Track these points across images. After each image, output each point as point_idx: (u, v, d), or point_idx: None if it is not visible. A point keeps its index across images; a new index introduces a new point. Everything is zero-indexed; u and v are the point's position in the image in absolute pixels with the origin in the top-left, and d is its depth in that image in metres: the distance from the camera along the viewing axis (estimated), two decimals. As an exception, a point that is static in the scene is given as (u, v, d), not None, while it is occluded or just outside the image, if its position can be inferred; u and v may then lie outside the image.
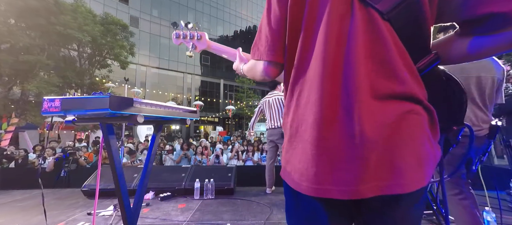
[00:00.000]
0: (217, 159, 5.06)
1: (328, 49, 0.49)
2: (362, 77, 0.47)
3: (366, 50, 0.48)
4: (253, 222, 2.40)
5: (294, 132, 0.54)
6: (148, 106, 1.31)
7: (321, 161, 0.48)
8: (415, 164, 0.46)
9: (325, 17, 0.50)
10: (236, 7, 29.55)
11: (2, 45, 8.57)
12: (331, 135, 0.47)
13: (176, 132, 19.48)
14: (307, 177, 0.49)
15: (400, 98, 0.48)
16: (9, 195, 3.60)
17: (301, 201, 0.55)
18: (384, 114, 0.47)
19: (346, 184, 0.46)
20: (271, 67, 0.62)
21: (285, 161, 0.57)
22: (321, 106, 0.48)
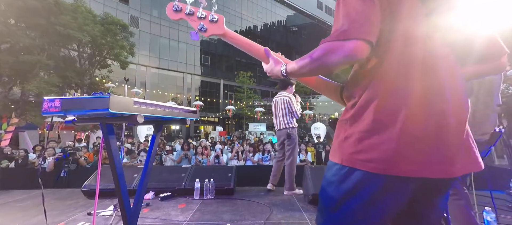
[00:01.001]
0: (217, 159, 5.06)
1: (417, 60, 0.59)
2: (441, 78, 0.59)
3: (442, 59, 0.61)
4: (253, 222, 2.40)
5: (379, 123, 0.59)
6: (148, 106, 1.31)
7: (414, 147, 0.57)
8: (475, 150, 0.64)
9: (414, 33, 0.61)
10: (236, 7, 29.55)
11: (2, 45, 8.57)
12: (422, 127, 0.57)
13: (176, 132, 19.47)
14: (401, 161, 0.57)
15: (463, 98, 0.62)
16: (9, 195, 3.60)
17: (377, 184, 0.60)
18: (463, 113, 0.61)
19: (441, 165, 0.57)
20: (364, 45, 0.58)
21: (360, 149, 0.61)
22: (410, 101, 0.57)
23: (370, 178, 0.60)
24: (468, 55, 0.67)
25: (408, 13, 0.60)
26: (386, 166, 0.57)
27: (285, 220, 2.43)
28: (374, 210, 0.61)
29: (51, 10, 9.14)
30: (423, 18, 0.61)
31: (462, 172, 0.59)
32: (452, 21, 0.61)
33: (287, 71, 0.78)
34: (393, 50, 0.61)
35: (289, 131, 3.32)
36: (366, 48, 0.59)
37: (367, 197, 0.61)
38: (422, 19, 0.61)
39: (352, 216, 0.63)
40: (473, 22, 0.63)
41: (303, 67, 0.70)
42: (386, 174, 0.58)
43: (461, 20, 0.63)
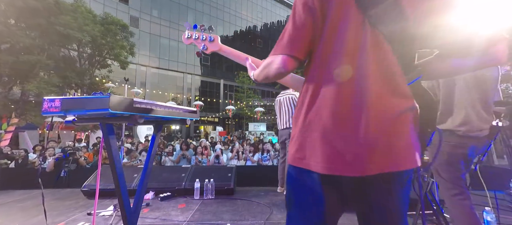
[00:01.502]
0: (217, 159, 5.06)
1: (344, 57, 0.62)
2: (369, 82, 0.60)
3: (375, 60, 0.62)
4: (253, 222, 2.40)
5: (309, 122, 0.65)
6: (148, 106, 1.31)
7: (336, 146, 0.60)
8: (405, 150, 0.62)
9: (342, 34, 0.62)
10: (236, 7, 29.55)
11: (2, 45, 8.56)
12: (343, 125, 0.60)
13: (176, 132, 19.47)
14: (323, 159, 0.61)
15: (397, 101, 0.62)
16: (9, 195, 3.60)
17: (311, 181, 0.65)
18: (386, 111, 0.60)
19: (356, 164, 0.59)
20: (290, 60, 0.70)
21: (296, 147, 0.67)
22: (336, 102, 0.61)
23: (307, 174, 0.65)
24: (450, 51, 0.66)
25: (338, 21, 0.63)
26: (312, 162, 0.63)
27: (285, 220, 2.43)
28: (315, 202, 0.66)
29: (51, 10, 9.13)
30: (358, 27, 0.62)
31: (379, 170, 0.59)
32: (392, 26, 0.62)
33: (253, 77, 0.91)
34: (320, 53, 0.67)
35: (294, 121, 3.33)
36: (293, 62, 0.70)
37: (307, 191, 0.67)
38: (356, 28, 0.62)
39: (300, 212, 0.68)
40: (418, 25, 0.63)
41: (258, 76, 0.84)
42: (313, 171, 0.64)
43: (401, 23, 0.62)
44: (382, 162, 0.59)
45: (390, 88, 0.62)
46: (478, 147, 1.55)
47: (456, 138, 1.53)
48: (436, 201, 1.97)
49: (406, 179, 0.64)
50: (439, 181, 1.65)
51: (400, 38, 0.63)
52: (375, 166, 0.59)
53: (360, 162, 0.59)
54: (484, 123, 1.51)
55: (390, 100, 0.61)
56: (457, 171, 1.55)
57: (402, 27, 0.62)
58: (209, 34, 1.19)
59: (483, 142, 1.55)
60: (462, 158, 1.54)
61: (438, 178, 1.65)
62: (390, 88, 0.62)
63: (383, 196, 0.64)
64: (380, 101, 0.60)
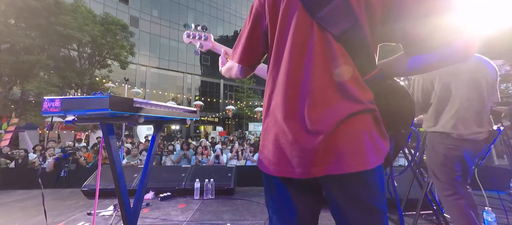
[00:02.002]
0: (217, 159, 5.06)
1: (292, 62, 0.63)
2: (316, 84, 0.60)
3: (322, 64, 0.61)
4: (253, 222, 2.40)
5: (265, 127, 0.68)
6: (148, 106, 1.31)
7: (284, 149, 0.62)
8: (353, 152, 0.58)
9: (290, 37, 0.63)
10: (236, 7, 29.55)
11: (2, 45, 8.56)
12: (291, 129, 0.61)
13: (176, 132, 19.47)
14: (274, 162, 0.64)
15: (346, 104, 0.60)
16: (9, 195, 3.60)
17: (271, 182, 0.69)
18: (332, 114, 0.59)
19: (303, 166, 0.60)
20: (244, 68, 0.80)
21: (260, 149, 0.70)
22: (284, 106, 0.63)
23: (267, 177, 0.68)
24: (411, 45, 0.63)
25: (286, 23, 0.65)
26: (266, 165, 0.66)
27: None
28: (283, 205, 0.67)
29: (51, 10, 9.13)
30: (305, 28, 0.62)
31: (326, 172, 0.58)
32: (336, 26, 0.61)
33: (222, 71, 0.98)
34: (272, 57, 0.69)
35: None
36: (248, 70, 0.81)
37: (276, 195, 0.69)
38: (303, 29, 0.63)
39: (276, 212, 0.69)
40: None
41: (224, 74, 0.93)
42: (267, 173, 0.66)
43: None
44: (327, 165, 0.58)
45: (338, 91, 0.60)
46: (475, 150, 1.54)
47: (451, 140, 1.53)
48: (436, 201, 1.97)
49: (367, 179, 0.59)
50: (434, 182, 1.66)
51: (351, 39, 0.61)
52: (320, 169, 0.59)
53: (305, 164, 0.59)
54: (480, 127, 1.50)
55: (338, 103, 0.60)
56: (452, 172, 1.55)
57: (353, 28, 0.60)
58: (204, 32, 1.28)
59: (480, 145, 1.53)
60: (458, 160, 1.53)
61: (434, 179, 1.66)
62: (338, 91, 0.60)
63: (343, 196, 0.62)
64: (326, 104, 0.60)
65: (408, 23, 0.60)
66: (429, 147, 1.66)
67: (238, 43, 0.77)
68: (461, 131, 1.50)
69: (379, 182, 0.61)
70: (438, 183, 1.62)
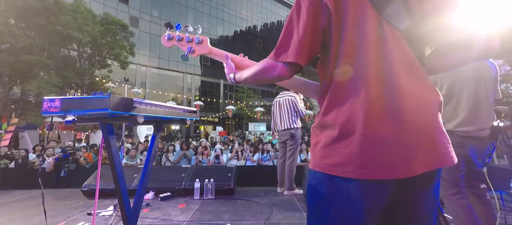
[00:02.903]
0: (217, 159, 5.06)
1: (369, 57, 0.60)
2: (399, 79, 0.59)
3: (399, 58, 0.60)
4: (253, 222, 2.40)
5: (341, 127, 0.61)
6: (148, 106, 1.31)
7: (376, 148, 0.57)
8: (446, 145, 0.61)
9: (364, 34, 0.61)
10: (236, 7, 29.55)
11: (2, 45, 8.57)
12: (381, 126, 0.57)
13: (176, 132, 19.47)
14: (363, 164, 0.57)
15: (429, 95, 0.62)
16: (9, 195, 3.60)
17: (347, 189, 0.60)
18: (422, 108, 0.59)
19: (401, 165, 0.56)
20: (291, 68, 0.69)
21: (326, 154, 0.63)
22: (368, 103, 0.58)
23: (340, 182, 0.60)
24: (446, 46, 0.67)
25: (358, 20, 0.62)
26: (350, 169, 0.59)
27: (285, 220, 2.43)
28: (350, 213, 0.61)
29: (51, 10, 9.14)
30: (376, 25, 0.61)
31: (425, 169, 0.58)
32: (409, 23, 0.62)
33: (236, 79, 0.88)
34: (342, 57, 0.63)
35: (293, 131, 3.32)
36: (295, 69, 0.69)
37: (341, 201, 0.61)
38: (375, 26, 0.61)
39: (330, 222, 0.63)
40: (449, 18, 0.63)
41: (248, 79, 0.80)
42: (353, 178, 0.59)
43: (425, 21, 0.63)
44: (427, 160, 0.58)
45: (419, 83, 0.61)
46: (480, 147, 1.55)
47: (457, 138, 1.53)
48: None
49: (439, 175, 0.64)
50: None
51: (410, 36, 0.63)
52: (420, 165, 0.57)
53: (406, 162, 0.56)
54: (484, 123, 1.52)
55: (424, 94, 0.61)
56: (456, 171, 1.55)
57: (411, 25, 0.62)
58: (196, 35, 1.04)
59: (485, 142, 1.55)
60: (463, 158, 1.54)
61: None
62: (419, 83, 0.61)
63: (421, 195, 0.64)
64: (414, 97, 0.59)
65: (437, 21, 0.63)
66: None
67: (288, 40, 0.67)
68: (466, 128, 1.51)
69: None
70: (442, 182, 1.62)
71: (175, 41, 1.06)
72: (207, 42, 1.05)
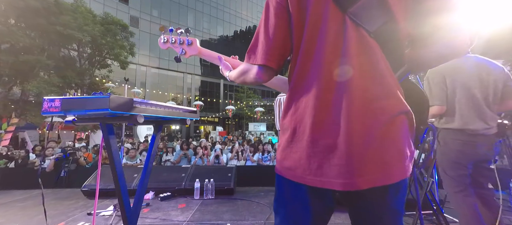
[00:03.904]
0: (217, 159, 5.06)
1: (326, 61, 0.57)
2: (354, 85, 0.55)
3: (359, 61, 0.56)
4: (253, 222, 2.40)
5: (293, 132, 0.61)
6: (148, 106, 1.31)
7: (321, 157, 0.56)
8: (398, 160, 0.55)
9: (322, 34, 0.58)
10: (236, 7, 29.55)
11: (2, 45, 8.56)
12: (328, 135, 0.55)
13: (176, 132, 19.47)
14: (310, 171, 0.57)
15: (387, 103, 0.56)
16: (9, 195, 3.60)
17: (292, 189, 0.62)
18: (374, 118, 0.54)
19: (345, 177, 0.54)
20: (264, 71, 0.67)
21: (283, 157, 0.64)
22: (318, 109, 0.56)
23: (291, 184, 0.61)
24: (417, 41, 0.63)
25: (318, 18, 0.59)
26: (299, 174, 0.59)
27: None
28: (300, 214, 0.62)
29: (51, 10, 9.12)
30: (338, 24, 0.58)
31: (370, 185, 0.53)
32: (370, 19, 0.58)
33: (228, 78, 0.88)
34: (301, 57, 0.61)
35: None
36: (269, 72, 0.67)
37: (293, 202, 0.63)
38: (336, 25, 0.58)
39: (285, 219, 0.64)
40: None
41: (235, 79, 0.81)
42: (300, 182, 0.59)
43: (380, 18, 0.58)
44: (374, 175, 0.53)
45: (379, 90, 0.56)
46: (489, 145, 1.55)
47: (466, 136, 1.54)
48: (436, 201, 1.97)
49: (401, 186, 0.59)
50: (444, 178, 1.66)
51: (385, 36, 0.58)
52: (365, 180, 0.53)
53: (350, 175, 0.53)
54: (489, 121, 1.52)
55: (380, 103, 0.55)
56: (463, 169, 1.55)
57: (387, 24, 0.57)
58: (187, 37, 1.09)
59: (492, 140, 1.55)
60: (472, 157, 1.53)
61: (443, 175, 1.66)
62: (379, 90, 0.56)
63: (376, 207, 0.60)
64: (367, 105, 0.55)
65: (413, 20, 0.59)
66: (441, 143, 1.66)
67: (257, 42, 0.66)
68: (474, 126, 1.51)
69: (406, 187, 0.62)
70: (449, 180, 1.62)
71: (169, 43, 1.12)
72: (196, 43, 1.09)
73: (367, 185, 0.53)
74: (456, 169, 1.57)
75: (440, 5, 0.57)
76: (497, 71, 1.56)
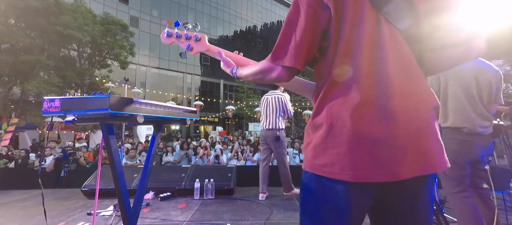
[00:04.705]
0: (217, 159, 5.06)
1: (363, 58, 0.59)
2: (392, 80, 0.58)
3: (394, 58, 0.59)
4: (253, 222, 2.40)
5: (329, 127, 0.61)
6: (148, 106, 1.31)
7: (363, 150, 0.56)
8: (439, 150, 0.60)
9: (360, 33, 0.60)
10: (236, 7, 29.54)
11: (2, 45, 8.56)
12: (370, 128, 0.57)
13: (176, 132, 19.47)
14: (351, 165, 0.57)
15: (424, 98, 0.60)
16: (9, 195, 3.60)
17: (335, 190, 0.61)
18: (415, 110, 0.58)
19: (388, 168, 0.55)
20: (289, 72, 0.69)
21: (315, 154, 0.63)
22: (358, 104, 0.58)
23: (328, 182, 0.61)
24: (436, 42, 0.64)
25: (356, 19, 0.61)
26: (337, 170, 0.59)
27: (285, 220, 2.43)
28: (337, 213, 0.61)
29: (51, 10, 9.13)
30: (374, 24, 0.60)
31: (412, 174, 0.56)
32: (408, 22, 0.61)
33: (237, 74, 0.88)
34: (339, 55, 0.62)
35: (278, 133, 3.15)
36: (294, 73, 0.69)
37: (329, 201, 0.62)
38: (372, 25, 0.60)
39: (319, 221, 0.63)
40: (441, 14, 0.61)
41: (248, 76, 0.81)
42: (339, 179, 0.59)
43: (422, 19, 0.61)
44: (416, 165, 0.56)
45: (414, 85, 0.60)
46: (484, 145, 1.55)
47: (463, 135, 1.54)
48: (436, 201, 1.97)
49: (434, 179, 0.63)
50: (442, 179, 1.66)
51: (412, 35, 0.61)
52: (408, 170, 0.56)
53: (393, 166, 0.55)
54: (486, 120, 1.53)
55: (417, 97, 0.59)
56: (462, 169, 1.55)
57: (414, 24, 0.61)
58: (195, 32, 1.05)
59: (488, 140, 1.56)
60: (469, 157, 1.54)
61: (441, 176, 1.66)
62: (414, 85, 0.60)
63: (413, 200, 0.62)
64: (406, 99, 0.58)
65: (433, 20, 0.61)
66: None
67: (285, 43, 0.67)
68: (471, 125, 1.52)
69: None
70: (447, 180, 1.62)
71: (174, 38, 1.06)
72: (205, 39, 1.05)
73: (410, 175, 0.56)
74: (453, 170, 1.58)
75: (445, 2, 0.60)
76: (492, 72, 1.58)
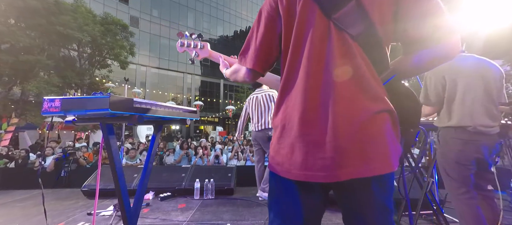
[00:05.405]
0: (217, 159, 5.06)
1: (312, 63, 0.62)
2: (338, 84, 0.60)
3: (342, 63, 0.61)
4: (253, 222, 2.40)
5: (282, 129, 0.66)
6: (148, 106, 1.31)
7: (306, 152, 0.60)
8: (379, 154, 0.58)
9: (309, 38, 0.63)
10: (236, 7, 29.56)
11: (2, 45, 8.56)
12: (313, 131, 0.60)
13: (176, 132, 19.47)
14: (295, 165, 0.61)
15: (370, 102, 0.60)
16: (9, 195, 3.60)
17: (282, 185, 0.67)
18: (356, 115, 0.59)
19: (326, 170, 0.58)
20: (251, 73, 0.78)
21: (274, 153, 0.68)
22: (304, 108, 0.61)
23: (281, 180, 0.66)
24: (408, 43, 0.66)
25: (306, 25, 0.64)
26: (285, 169, 0.64)
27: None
28: (292, 208, 0.66)
29: (51, 10, 9.12)
30: (323, 30, 0.62)
31: (351, 176, 0.57)
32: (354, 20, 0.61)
33: (224, 74, 0.99)
34: (290, 59, 0.67)
35: (270, 133, 2.94)
36: (256, 75, 0.79)
37: (284, 197, 0.67)
38: (322, 31, 0.62)
39: (279, 215, 0.67)
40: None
41: (228, 75, 0.92)
42: (286, 177, 0.64)
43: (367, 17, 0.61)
44: (356, 168, 0.57)
45: (360, 91, 0.60)
46: (490, 145, 1.52)
47: (468, 134, 1.51)
48: (436, 201, 1.97)
49: (386, 181, 0.62)
50: (445, 179, 1.63)
51: (367, 39, 0.62)
52: (347, 172, 0.57)
53: (332, 168, 0.58)
54: (492, 120, 1.50)
55: (361, 102, 0.59)
56: (466, 170, 1.52)
57: (368, 29, 0.62)
58: (200, 41, 1.25)
59: (494, 139, 1.52)
60: (475, 156, 1.50)
61: (445, 177, 1.63)
62: (360, 90, 0.60)
63: (361, 200, 0.63)
64: (349, 104, 0.59)
65: (409, 23, 0.62)
66: (442, 143, 1.62)
67: (248, 47, 0.75)
68: (476, 124, 1.49)
69: (393, 183, 0.64)
70: (451, 182, 1.58)
71: (185, 47, 1.25)
72: (207, 47, 1.23)
73: (347, 177, 0.57)
74: (457, 170, 1.55)
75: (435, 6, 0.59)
76: (495, 69, 1.56)
